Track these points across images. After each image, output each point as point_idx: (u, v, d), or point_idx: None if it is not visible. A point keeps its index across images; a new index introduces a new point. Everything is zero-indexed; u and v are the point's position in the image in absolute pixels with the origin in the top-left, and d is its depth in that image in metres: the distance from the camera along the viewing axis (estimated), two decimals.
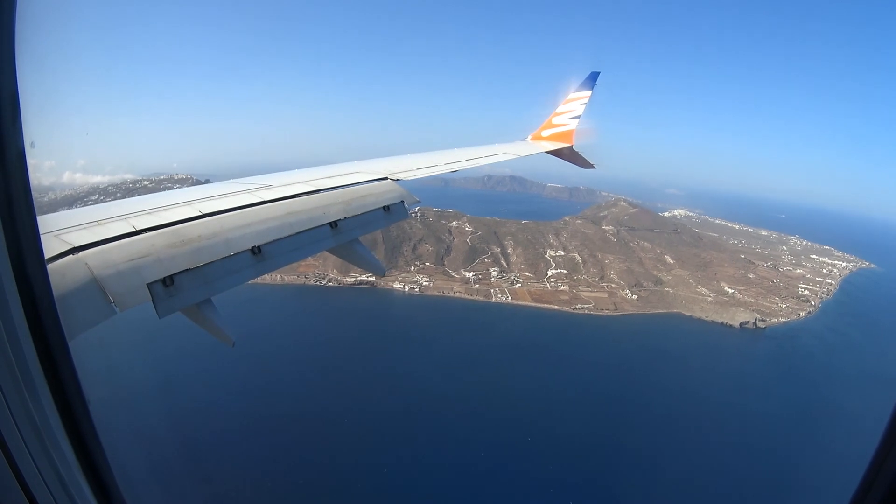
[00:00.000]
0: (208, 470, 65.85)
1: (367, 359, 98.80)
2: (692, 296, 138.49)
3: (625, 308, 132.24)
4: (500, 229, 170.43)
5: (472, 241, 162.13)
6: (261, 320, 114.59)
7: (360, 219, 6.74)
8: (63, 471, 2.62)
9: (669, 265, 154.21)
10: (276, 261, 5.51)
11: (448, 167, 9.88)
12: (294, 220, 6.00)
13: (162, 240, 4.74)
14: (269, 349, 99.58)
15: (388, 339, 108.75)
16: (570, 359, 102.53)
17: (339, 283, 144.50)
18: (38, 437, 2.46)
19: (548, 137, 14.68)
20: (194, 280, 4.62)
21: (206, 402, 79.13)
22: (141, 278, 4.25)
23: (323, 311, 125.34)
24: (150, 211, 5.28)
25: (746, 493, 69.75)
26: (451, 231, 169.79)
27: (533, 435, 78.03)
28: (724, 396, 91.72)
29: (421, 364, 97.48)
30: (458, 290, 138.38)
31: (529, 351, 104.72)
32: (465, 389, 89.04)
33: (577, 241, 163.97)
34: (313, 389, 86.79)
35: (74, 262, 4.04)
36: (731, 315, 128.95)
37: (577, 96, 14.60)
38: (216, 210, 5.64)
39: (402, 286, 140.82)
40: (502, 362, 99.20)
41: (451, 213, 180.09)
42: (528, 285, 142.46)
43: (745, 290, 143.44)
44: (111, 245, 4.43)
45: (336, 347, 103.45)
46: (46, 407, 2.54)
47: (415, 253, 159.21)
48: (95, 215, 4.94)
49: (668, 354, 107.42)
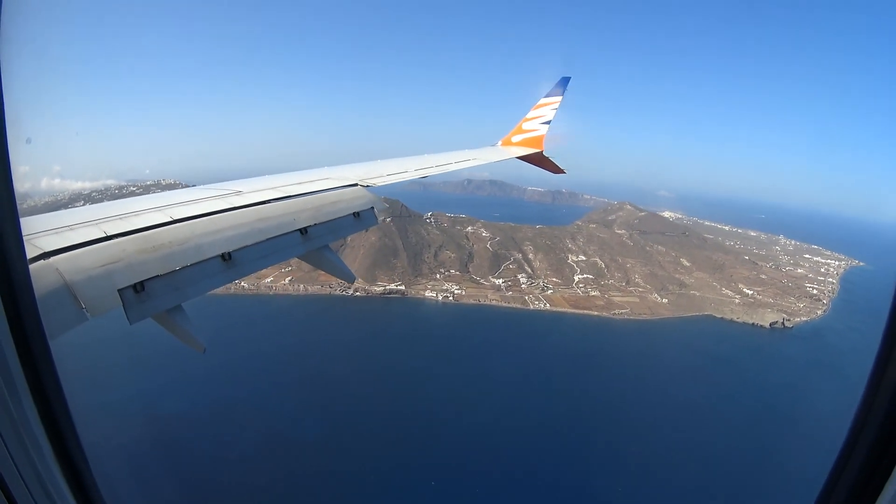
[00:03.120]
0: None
1: (436, 376, 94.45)
2: (719, 298, 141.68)
3: (660, 312, 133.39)
4: (517, 235, 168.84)
5: (493, 246, 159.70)
6: (300, 335, 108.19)
7: (330, 225, 6.68)
8: (43, 471, 2.63)
9: (687, 268, 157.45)
10: (246, 267, 5.38)
11: (418, 173, 9.83)
12: (264, 227, 5.92)
13: (133, 245, 4.67)
14: (319, 366, 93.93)
15: (449, 352, 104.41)
16: (638, 366, 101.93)
17: (366, 292, 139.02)
18: (17, 438, 2.46)
19: (518, 143, 14.57)
20: (165, 286, 4.54)
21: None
22: (112, 284, 4.19)
23: (361, 323, 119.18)
24: (122, 216, 5.19)
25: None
26: (468, 237, 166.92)
27: (634, 445, 76.82)
28: (794, 402, 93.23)
29: (494, 378, 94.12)
30: (493, 298, 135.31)
31: (596, 359, 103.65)
32: (546, 403, 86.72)
33: (594, 245, 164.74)
34: (381, 409, 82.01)
35: (45, 268, 3.97)
36: (761, 316, 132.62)
37: (548, 101, 14.41)
38: (187, 216, 5.53)
39: (435, 294, 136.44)
40: (574, 372, 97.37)
41: (464, 219, 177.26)
42: (560, 291, 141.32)
43: (763, 291, 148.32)
44: (82, 250, 4.34)
45: (394, 361, 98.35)
46: (27, 408, 2.49)
47: (437, 260, 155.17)
48: (66, 220, 4.84)
49: (722, 358, 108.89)
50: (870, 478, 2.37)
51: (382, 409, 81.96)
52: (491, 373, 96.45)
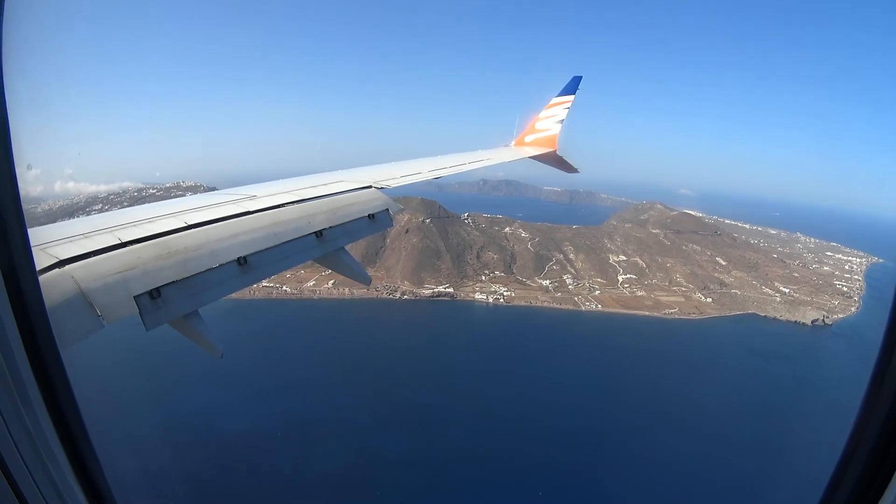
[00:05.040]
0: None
1: (510, 380, 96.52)
2: (760, 296, 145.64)
3: (707, 311, 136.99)
4: (555, 235, 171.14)
5: (534, 247, 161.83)
6: (361, 342, 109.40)
7: (345, 227, 6.76)
8: (56, 476, 2.65)
9: (724, 267, 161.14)
10: (262, 271, 5.49)
11: (432, 174, 9.96)
12: (279, 231, 6.02)
13: (148, 252, 4.76)
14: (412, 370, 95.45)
15: (518, 356, 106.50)
16: (703, 366, 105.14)
17: (414, 295, 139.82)
18: (31, 443, 2.48)
19: (531, 143, 14.78)
20: (181, 292, 4.63)
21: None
22: (128, 291, 4.25)
23: (419, 327, 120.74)
24: (136, 223, 5.28)
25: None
26: (507, 237, 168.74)
27: (713, 443, 79.73)
28: (855, 397, 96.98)
29: (566, 381, 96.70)
30: (544, 300, 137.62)
31: (664, 359, 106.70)
32: (626, 402, 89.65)
33: (632, 245, 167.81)
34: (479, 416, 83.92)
35: (61, 276, 4.03)
36: (802, 313, 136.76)
37: (560, 101, 14.61)
38: (202, 221, 5.64)
39: (485, 297, 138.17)
40: (648, 373, 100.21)
41: (501, 219, 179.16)
42: (607, 291, 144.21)
43: (798, 289, 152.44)
44: (98, 258, 4.42)
45: (467, 367, 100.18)
46: (39, 414, 2.55)
47: (480, 261, 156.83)
48: (81, 228, 4.93)
49: (779, 357, 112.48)
50: (873, 478, 2.41)
51: (469, 419, 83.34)
52: (562, 375, 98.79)
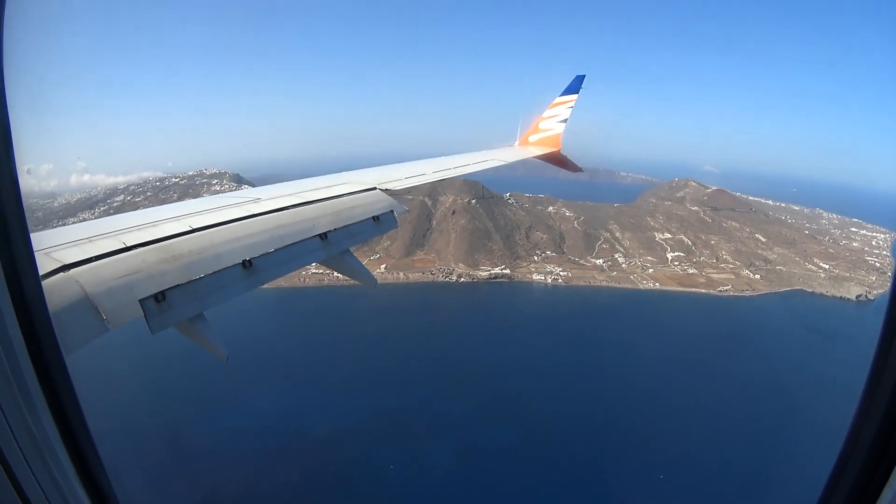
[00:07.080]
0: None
1: (596, 361, 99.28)
2: (805, 272, 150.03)
3: (758, 288, 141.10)
4: (599, 213, 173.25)
5: (581, 226, 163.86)
6: (433, 327, 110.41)
7: (349, 229, 6.85)
8: (60, 479, 2.70)
9: (765, 244, 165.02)
10: (267, 273, 5.56)
11: (437, 175, 10.16)
12: (284, 233, 6.09)
13: (152, 255, 4.83)
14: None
15: (597, 338, 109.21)
16: (774, 344, 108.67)
17: (471, 277, 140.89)
18: (34, 446, 2.54)
19: (535, 143, 15.05)
20: (186, 295, 4.69)
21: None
22: (132, 295, 4.32)
23: (490, 309, 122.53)
24: (140, 227, 5.39)
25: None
26: (552, 217, 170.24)
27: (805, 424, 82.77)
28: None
29: (650, 361, 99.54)
30: (601, 279, 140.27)
31: (736, 337, 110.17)
32: (714, 383, 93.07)
33: (675, 223, 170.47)
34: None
35: (65, 280, 4.06)
36: (847, 289, 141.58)
37: (564, 100, 14.82)
38: (206, 224, 5.74)
39: (543, 277, 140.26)
40: (725, 352, 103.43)
41: (543, 199, 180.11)
42: (659, 269, 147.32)
43: (837, 265, 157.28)
44: (102, 262, 4.47)
45: (550, 351, 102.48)
46: (43, 417, 2.61)
47: (530, 241, 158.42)
48: (85, 232, 5.01)
49: (838, 333, 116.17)
50: (871, 476, 2.41)
51: (571, 404, 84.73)
52: (647, 358, 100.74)
